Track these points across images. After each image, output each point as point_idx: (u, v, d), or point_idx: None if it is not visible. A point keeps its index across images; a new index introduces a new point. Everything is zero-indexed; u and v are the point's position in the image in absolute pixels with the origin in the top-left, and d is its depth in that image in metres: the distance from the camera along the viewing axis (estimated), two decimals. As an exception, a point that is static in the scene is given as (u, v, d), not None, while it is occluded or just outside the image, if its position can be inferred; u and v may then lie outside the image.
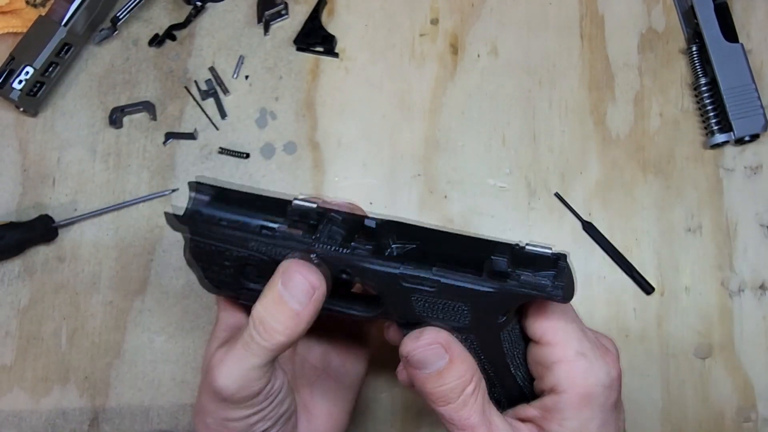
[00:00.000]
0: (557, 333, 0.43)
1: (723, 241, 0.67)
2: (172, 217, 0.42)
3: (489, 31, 0.73)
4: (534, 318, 0.43)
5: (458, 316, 0.41)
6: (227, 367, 0.41)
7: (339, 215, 0.41)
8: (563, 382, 0.42)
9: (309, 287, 0.40)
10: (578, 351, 0.42)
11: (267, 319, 0.40)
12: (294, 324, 0.40)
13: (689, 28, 0.71)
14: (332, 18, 0.73)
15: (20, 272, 0.68)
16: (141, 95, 0.72)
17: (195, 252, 0.43)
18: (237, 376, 0.41)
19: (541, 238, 0.68)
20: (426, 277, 0.39)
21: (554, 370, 0.42)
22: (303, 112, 0.71)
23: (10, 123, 0.71)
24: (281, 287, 0.40)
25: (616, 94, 0.71)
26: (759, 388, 0.65)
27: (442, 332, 0.42)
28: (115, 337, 0.67)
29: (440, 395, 0.41)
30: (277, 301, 0.40)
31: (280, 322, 0.40)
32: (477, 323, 0.41)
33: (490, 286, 0.39)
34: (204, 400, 0.43)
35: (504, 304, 0.41)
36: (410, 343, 0.41)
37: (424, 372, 0.41)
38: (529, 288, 0.39)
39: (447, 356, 0.41)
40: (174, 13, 0.74)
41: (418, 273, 0.39)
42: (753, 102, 0.67)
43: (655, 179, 0.69)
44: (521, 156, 0.70)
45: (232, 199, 0.43)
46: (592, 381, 0.42)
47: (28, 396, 0.66)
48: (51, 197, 0.69)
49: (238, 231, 0.41)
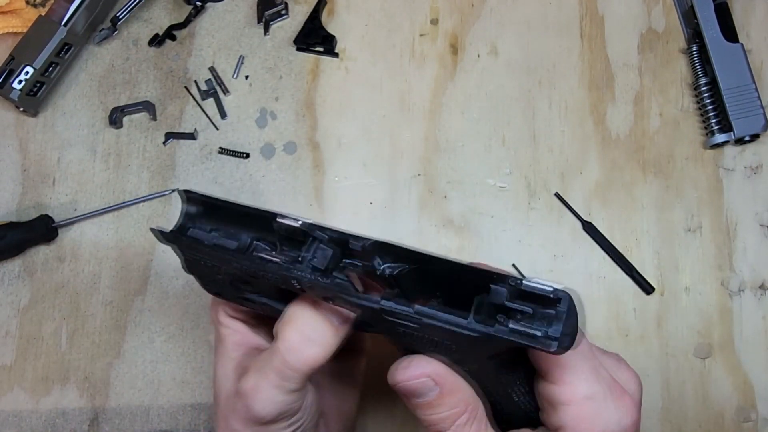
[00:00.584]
0: (564, 372, 0.38)
1: (723, 241, 0.67)
2: (159, 234, 0.41)
3: (489, 31, 0.73)
4: (538, 354, 0.39)
5: (447, 351, 0.38)
6: (264, 395, 0.41)
7: (325, 233, 0.38)
8: (568, 426, 0.38)
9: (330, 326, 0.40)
10: (587, 395, 0.38)
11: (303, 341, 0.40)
12: (335, 340, 0.40)
13: (689, 28, 0.71)
14: (332, 18, 0.73)
15: (20, 272, 0.68)
16: (141, 95, 0.72)
17: (189, 264, 0.43)
18: (276, 402, 0.41)
19: (540, 238, 0.68)
20: (407, 314, 0.36)
21: (559, 411, 0.39)
22: (303, 112, 0.71)
23: (10, 123, 0.71)
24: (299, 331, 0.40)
25: (616, 94, 0.71)
26: (759, 388, 0.65)
27: (433, 363, 0.39)
28: (115, 337, 0.67)
29: (432, 422, 0.40)
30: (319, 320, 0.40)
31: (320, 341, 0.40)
32: (468, 359, 0.39)
33: (475, 330, 0.34)
34: (235, 425, 0.43)
35: (493, 348, 0.36)
36: (398, 374, 0.40)
37: (412, 401, 0.40)
38: (518, 336, 0.34)
39: (437, 388, 0.39)
40: (174, 13, 0.74)
41: (398, 309, 0.36)
42: (753, 102, 0.67)
43: (655, 179, 0.69)
44: (521, 156, 0.70)
45: (219, 212, 0.41)
46: (600, 429, 0.38)
47: (28, 396, 0.66)
48: (51, 197, 0.69)
49: (220, 252, 0.40)
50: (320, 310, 0.40)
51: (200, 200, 0.42)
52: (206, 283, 0.45)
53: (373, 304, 0.37)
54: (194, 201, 0.42)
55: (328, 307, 0.40)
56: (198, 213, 0.42)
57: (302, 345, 0.40)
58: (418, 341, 0.38)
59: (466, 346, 0.36)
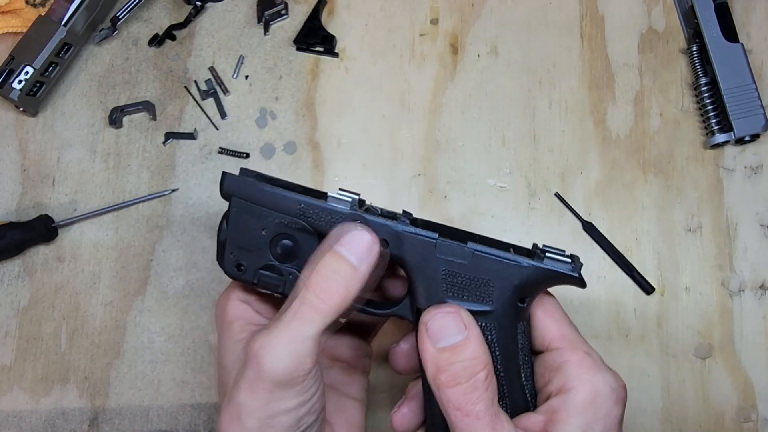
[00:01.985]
0: (565, 338, 0.45)
1: (723, 241, 0.67)
2: (231, 176, 0.45)
3: (489, 31, 0.73)
4: (543, 327, 0.46)
5: (483, 296, 0.43)
6: (277, 346, 0.40)
7: (377, 208, 0.45)
8: (571, 380, 0.43)
9: (369, 241, 0.41)
10: (586, 351, 0.44)
11: (323, 278, 0.41)
12: (353, 281, 0.41)
13: (689, 28, 0.71)
14: (332, 18, 0.73)
15: (20, 272, 0.68)
16: (141, 95, 0.72)
17: (234, 216, 0.45)
18: (289, 352, 0.40)
19: (541, 238, 0.68)
20: (461, 247, 0.43)
21: (563, 369, 0.43)
22: (303, 112, 0.71)
23: (10, 123, 0.71)
24: (338, 245, 0.41)
25: (616, 94, 0.71)
26: (759, 388, 0.65)
27: (464, 310, 0.42)
28: (115, 337, 0.67)
29: (451, 374, 0.40)
30: (333, 257, 0.41)
31: (338, 280, 0.41)
32: (500, 306, 0.43)
33: (521, 259, 0.43)
34: (244, 399, 0.41)
35: (529, 286, 0.44)
36: (432, 309, 0.42)
37: (438, 344, 0.41)
38: (553, 265, 0.43)
39: (465, 332, 0.41)
40: (174, 13, 0.74)
41: (454, 243, 0.43)
42: (753, 102, 0.67)
43: (655, 179, 0.69)
44: (521, 156, 0.70)
45: (278, 181, 0.46)
46: (600, 379, 0.43)
47: (28, 396, 0.66)
48: (51, 197, 0.69)
49: (290, 194, 0.44)
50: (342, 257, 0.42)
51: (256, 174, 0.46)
52: (235, 248, 0.46)
53: (431, 237, 0.43)
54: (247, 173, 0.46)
55: None
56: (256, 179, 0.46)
57: (321, 281, 0.41)
58: (456, 289, 0.43)
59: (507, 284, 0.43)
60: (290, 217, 0.44)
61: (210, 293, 0.67)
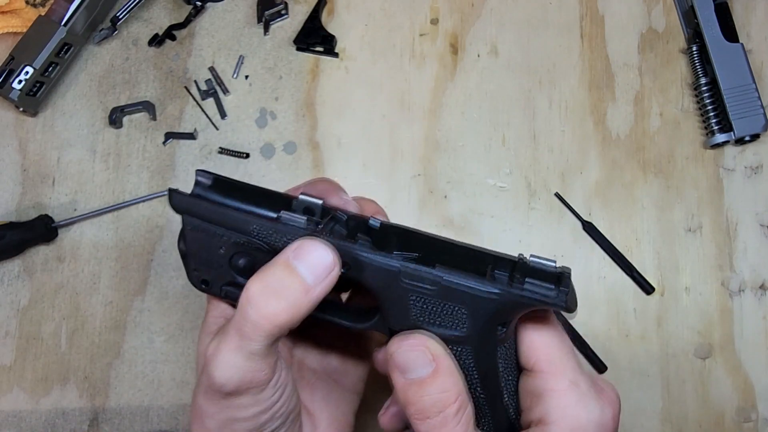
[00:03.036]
0: (552, 362, 0.39)
1: (723, 241, 0.67)
2: (177, 194, 0.40)
3: (489, 31, 0.73)
4: (529, 344, 0.40)
5: (456, 323, 0.39)
6: (223, 357, 0.36)
7: (343, 215, 0.40)
8: (552, 413, 0.38)
9: (330, 263, 0.37)
10: (572, 381, 0.39)
11: (268, 293, 0.36)
12: (302, 300, 0.36)
13: (689, 28, 0.71)
14: (332, 18, 0.73)
15: (20, 272, 0.68)
16: (141, 95, 0.72)
17: (190, 237, 0.42)
18: (235, 365, 0.36)
19: (540, 238, 0.68)
20: (427, 275, 0.37)
21: (545, 398, 0.39)
22: (303, 112, 0.71)
23: (10, 123, 0.71)
24: (292, 257, 0.36)
25: (616, 94, 0.71)
26: (759, 388, 0.65)
27: (434, 340, 0.38)
28: (115, 337, 0.67)
29: (419, 408, 0.37)
30: (285, 271, 0.36)
31: (285, 297, 0.36)
32: (475, 332, 0.39)
33: (493, 288, 0.37)
34: (202, 402, 0.39)
35: (505, 313, 0.38)
36: (395, 342, 0.38)
37: (406, 377, 0.38)
38: (532, 293, 0.37)
39: (433, 364, 0.37)
40: (174, 13, 0.74)
41: (419, 270, 0.37)
42: (753, 102, 0.67)
43: (655, 179, 0.69)
44: (521, 156, 0.70)
45: (236, 189, 0.42)
46: (584, 415, 0.38)
47: (28, 396, 0.66)
48: (51, 197, 0.69)
49: (241, 213, 0.40)
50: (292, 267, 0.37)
51: (214, 178, 0.41)
52: (197, 264, 0.43)
53: (394, 264, 0.37)
54: (209, 177, 0.42)
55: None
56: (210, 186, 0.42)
57: (264, 297, 0.36)
58: (426, 315, 0.39)
59: (481, 312, 0.38)
60: (245, 237, 0.40)
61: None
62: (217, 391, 0.38)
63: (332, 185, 0.44)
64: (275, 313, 0.36)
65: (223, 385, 0.37)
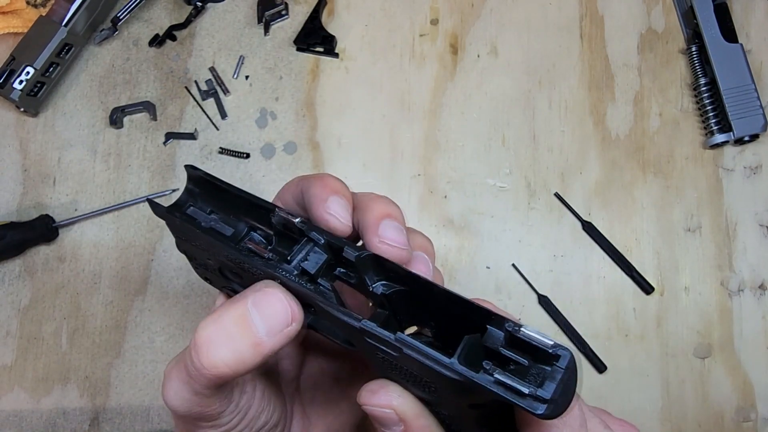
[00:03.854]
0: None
1: (722, 241, 0.67)
2: (156, 206, 0.38)
3: (489, 31, 0.73)
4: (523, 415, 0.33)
5: (425, 389, 0.33)
6: (172, 385, 0.34)
7: (321, 236, 0.36)
8: None
9: (287, 316, 0.33)
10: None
11: (214, 341, 0.32)
12: (249, 355, 0.32)
13: (689, 28, 0.71)
14: (332, 18, 0.73)
15: (21, 272, 0.68)
16: (141, 95, 0.72)
17: (180, 243, 0.41)
18: (183, 398, 0.34)
19: (540, 238, 0.68)
20: (387, 339, 0.32)
21: None
22: (303, 112, 0.71)
23: (11, 123, 0.71)
24: (251, 303, 0.33)
25: (615, 94, 0.71)
26: (758, 388, 0.65)
27: (405, 396, 0.34)
28: (115, 337, 0.67)
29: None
30: (240, 321, 0.32)
31: (230, 348, 0.32)
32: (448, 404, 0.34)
33: (457, 373, 0.30)
34: (172, 416, 0.37)
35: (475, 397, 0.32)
36: (364, 395, 0.34)
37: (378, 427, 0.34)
38: (503, 390, 0.29)
39: (401, 426, 0.33)
40: (174, 14, 0.74)
41: (379, 333, 0.32)
42: (752, 102, 0.67)
43: (654, 179, 0.69)
44: (521, 156, 0.70)
45: (221, 195, 0.39)
46: None
47: (29, 396, 0.66)
48: (51, 197, 0.70)
49: (211, 236, 0.37)
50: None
51: (203, 179, 0.39)
52: (197, 265, 0.42)
53: (353, 321, 0.33)
54: (197, 179, 0.39)
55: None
56: (200, 192, 0.39)
57: (212, 345, 0.32)
58: (397, 371, 0.34)
59: (447, 389, 0.32)
60: (222, 258, 0.37)
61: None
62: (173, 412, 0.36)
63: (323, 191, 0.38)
64: (217, 366, 0.32)
65: (174, 409, 0.35)
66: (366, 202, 0.38)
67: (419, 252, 0.38)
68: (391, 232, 0.36)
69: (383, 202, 0.38)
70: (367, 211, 0.37)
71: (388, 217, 0.37)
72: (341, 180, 0.39)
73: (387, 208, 0.38)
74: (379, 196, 0.39)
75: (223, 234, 0.38)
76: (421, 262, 0.37)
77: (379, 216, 0.37)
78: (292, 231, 0.36)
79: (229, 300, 0.34)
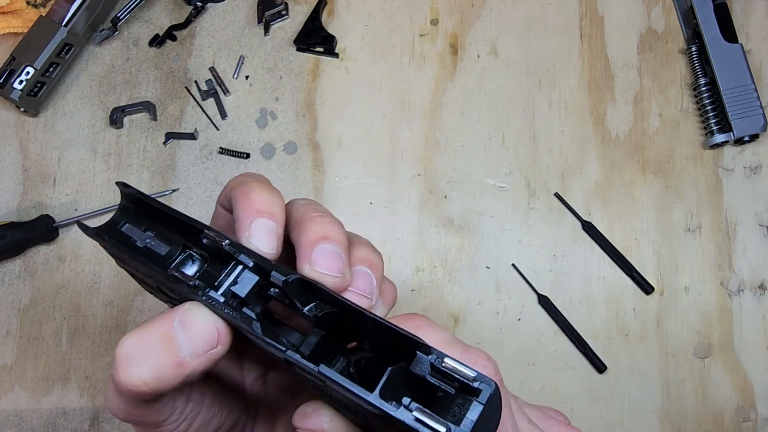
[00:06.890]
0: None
1: (722, 241, 0.67)
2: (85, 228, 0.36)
3: (489, 31, 0.73)
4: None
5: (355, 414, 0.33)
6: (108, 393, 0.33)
7: (250, 258, 0.34)
8: None
9: (213, 338, 0.32)
10: None
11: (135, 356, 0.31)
12: (172, 375, 0.31)
13: (689, 28, 0.71)
14: (332, 18, 0.73)
15: (21, 272, 0.68)
16: (141, 95, 0.72)
17: (118, 263, 0.39)
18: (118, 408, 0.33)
19: (540, 237, 0.68)
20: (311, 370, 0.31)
21: None
22: (303, 112, 0.71)
23: (11, 123, 0.71)
24: (177, 324, 0.31)
25: (615, 94, 0.71)
26: (758, 388, 0.65)
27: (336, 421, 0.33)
28: (115, 337, 0.67)
29: None
30: (163, 339, 0.31)
31: (149, 365, 0.31)
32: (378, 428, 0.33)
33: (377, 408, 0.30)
34: None
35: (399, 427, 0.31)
36: (297, 419, 0.33)
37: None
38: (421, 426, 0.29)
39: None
40: (174, 14, 0.74)
41: (302, 364, 0.32)
42: (752, 102, 0.67)
43: (654, 179, 0.69)
44: (521, 156, 0.70)
45: (155, 212, 0.37)
46: None
47: (29, 395, 0.66)
48: (51, 197, 0.70)
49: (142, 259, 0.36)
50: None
51: (134, 197, 0.37)
52: (139, 281, 0.40)
53: (278, 352, 0.32)
54: (129, 197, 0.37)
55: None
56: (135, 209, 0.38)
57: (131, 360, 0.31)
58: (327, 397, 0.33)
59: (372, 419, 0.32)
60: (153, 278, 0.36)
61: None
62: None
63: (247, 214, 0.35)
64: (135, 383, 0.31)
65: (114, 416, 0.34)
66: (302, 221, 0.35)
67: (361, 267, 0.35)
68: (324, 258, 0.34)
69: (320, 221, 0.35)
70: (302, 232, 0.34)
71: (324, 239, 0.34)
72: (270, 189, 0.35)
73: (323, 230, 0.34)
74: (319, 213, 0.36)
75: (157, 253, 0.37)
76: (360, 278, 0.35)
77: (314, 240, 0.34)
78: (223, 253, 0.35)
79: (156, 316, 0.32)
